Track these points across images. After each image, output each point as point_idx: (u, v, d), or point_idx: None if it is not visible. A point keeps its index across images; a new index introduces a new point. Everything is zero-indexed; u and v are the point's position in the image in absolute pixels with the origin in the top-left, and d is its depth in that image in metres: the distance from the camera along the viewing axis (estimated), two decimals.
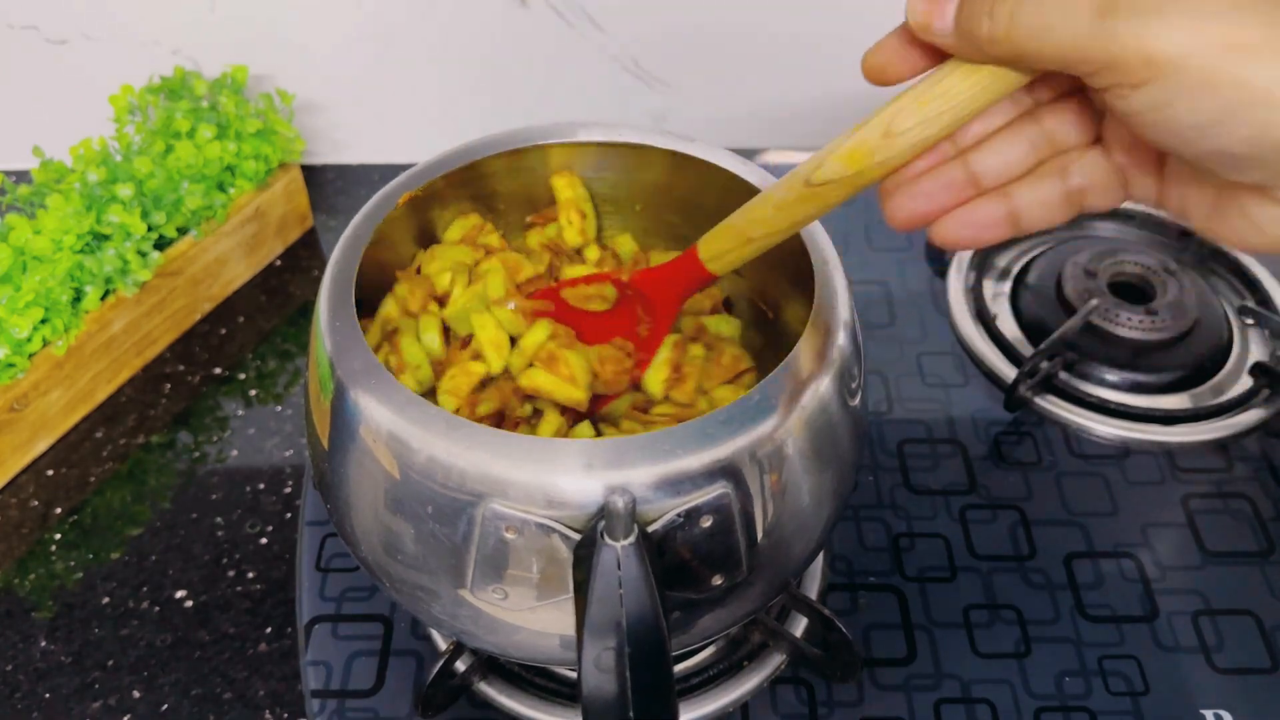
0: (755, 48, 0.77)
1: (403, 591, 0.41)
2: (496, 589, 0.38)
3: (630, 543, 0.34)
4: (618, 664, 0.34)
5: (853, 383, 0.41)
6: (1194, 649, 0.52)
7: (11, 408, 0.60)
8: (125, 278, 0.63)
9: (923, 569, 0.56)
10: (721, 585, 0.39)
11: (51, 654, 0.54)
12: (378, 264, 0.47)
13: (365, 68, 0.78)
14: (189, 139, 0.67)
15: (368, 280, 0.44)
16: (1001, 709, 0.50)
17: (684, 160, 0.48)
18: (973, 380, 0.65)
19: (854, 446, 0.42)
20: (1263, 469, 0.60)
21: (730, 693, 0.50)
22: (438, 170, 0.47)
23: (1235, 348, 0.67)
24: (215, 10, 0.74)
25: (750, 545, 0.38)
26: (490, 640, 0.41)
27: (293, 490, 0.61)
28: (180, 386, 0.67)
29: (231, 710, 0.52)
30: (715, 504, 0.36)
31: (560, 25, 0.75)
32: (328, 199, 0.80)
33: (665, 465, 0.36)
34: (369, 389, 0.38)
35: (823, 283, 0.42)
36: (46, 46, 0.75)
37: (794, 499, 0.39)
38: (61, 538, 0.59)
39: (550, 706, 0.49)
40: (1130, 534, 0.57)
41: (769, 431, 0.37)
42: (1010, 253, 0.73)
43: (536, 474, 0.36)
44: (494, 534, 0.36)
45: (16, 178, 0.72)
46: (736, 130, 0.82)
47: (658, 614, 0.34)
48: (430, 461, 0.36)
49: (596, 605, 0.34)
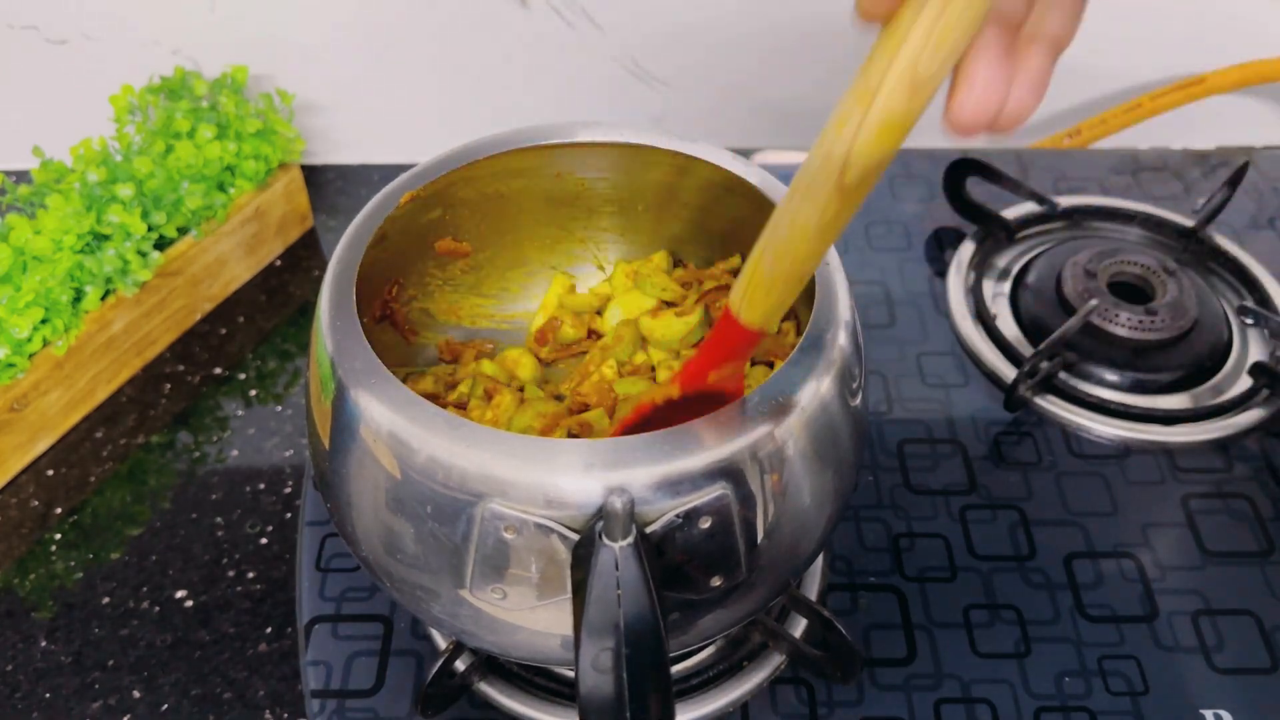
0: (755, 48, 0.77)
1: (403, 591, 0.41)
2: (496, 589, 0.38)
3: (628, 544, 0.34)
4: (615, 665, 0.34)
5: (853, 383, 0.41)
6: (1194, 649, 0.52)
7: (11, 408, 0.60)
8: (125, 278, 0.63)
9: (923, 569, 0.56)
10: (721, 586, 0.39)
11: (51, 654, 0.54)
12: (379, 264, 0.47)
13: (365, 68, 0.78)
14: (189, 139, 0.67)
15: (368, 280, 0.45)
16: (1001, 709, 0.50)
17: (687, 161, 0.48)
18: (973, 380, 0.65)
19: (855, 447, 0.42)
20: (1263, 469, 0.60)
21: (730, 693, 0.50)
22: (439, 170, 0.47)
23: (1235, 348, 0.67)
24: (215, 10, 0.74)
25: (750, 547, 0.38)
26: (490, 640, 0.41)
27: (293, 490, 0.61)
28: (180, 386, 0.67)
29: (231, 710, 0.52)
30: (714, 505, 0.36)
31: (560, 25, 0.75)
32: (328, 199, 0.80)
33: (664, 466, 0.36)
34: (369, 389, 0.38)
35: (823, 283, 0.42)
36: (46, 46, 0.75)
37: (794, 500, 0.39)
38: (61, 538, 0.59)
39: (550, 706, 0.49)
40: (1130, 534, 0.57)
41: (769, 432, 0.37)
42: (1010, 253, 0.73)
43: (536, 474, 0.36)
44: (493, 534, 0.36)
45: (16, 178, 0.72)
46: (737, 130, 0.82)
47: (655, 615, 0.34)
48: (430, 461, 0.36)
49: (594, 606, 0.34)
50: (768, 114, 0.81)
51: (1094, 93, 0.83)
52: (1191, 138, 0.84)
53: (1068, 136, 0.83)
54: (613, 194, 0.53)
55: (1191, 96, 0.80)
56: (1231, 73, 0.79)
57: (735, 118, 0.82)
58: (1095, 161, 0.80)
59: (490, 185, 0.50)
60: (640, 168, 0.50)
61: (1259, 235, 0.74)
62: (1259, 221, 0.76)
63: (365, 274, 0.43)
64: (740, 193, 0.47)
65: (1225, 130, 0.85)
